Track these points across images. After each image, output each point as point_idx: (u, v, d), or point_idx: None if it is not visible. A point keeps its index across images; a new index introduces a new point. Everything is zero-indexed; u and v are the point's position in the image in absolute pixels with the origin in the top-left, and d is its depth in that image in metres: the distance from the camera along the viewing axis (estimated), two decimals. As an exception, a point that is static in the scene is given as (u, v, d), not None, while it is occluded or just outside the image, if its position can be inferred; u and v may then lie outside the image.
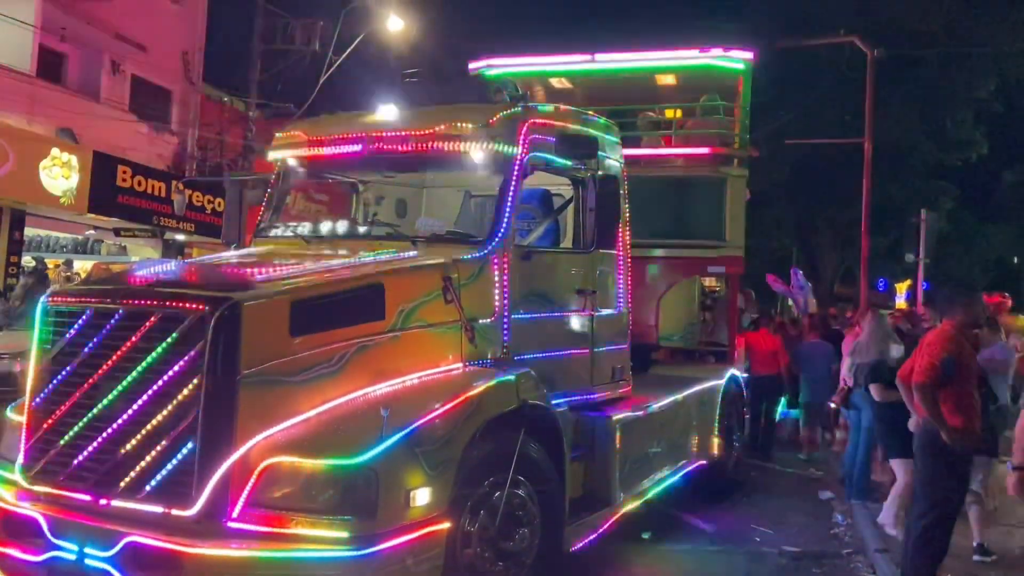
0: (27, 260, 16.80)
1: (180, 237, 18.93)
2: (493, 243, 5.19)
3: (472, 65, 9.08)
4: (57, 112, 15.67)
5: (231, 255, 6.13)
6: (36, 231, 17.74)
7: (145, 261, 13.10)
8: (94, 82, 17.34)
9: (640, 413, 6.38)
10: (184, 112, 19.75)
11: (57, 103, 15.78)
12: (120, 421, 4.01)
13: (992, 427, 6.02)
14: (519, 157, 5.38)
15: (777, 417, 11.87)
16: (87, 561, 3.89)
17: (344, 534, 3.76)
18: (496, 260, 5.18)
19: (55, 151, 15.28)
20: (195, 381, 3.89)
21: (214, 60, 20.23)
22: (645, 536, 6.69)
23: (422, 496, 4.00)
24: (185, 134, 19.72)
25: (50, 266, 17.28)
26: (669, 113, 9.32)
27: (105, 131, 16.52)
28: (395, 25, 18.06)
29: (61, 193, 15.42)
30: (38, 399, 4.27)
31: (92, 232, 18.70)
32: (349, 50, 17.78)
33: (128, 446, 3.97)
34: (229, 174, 18.44)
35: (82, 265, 17.68)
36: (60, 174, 15.34)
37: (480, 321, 5.04)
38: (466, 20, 20.59)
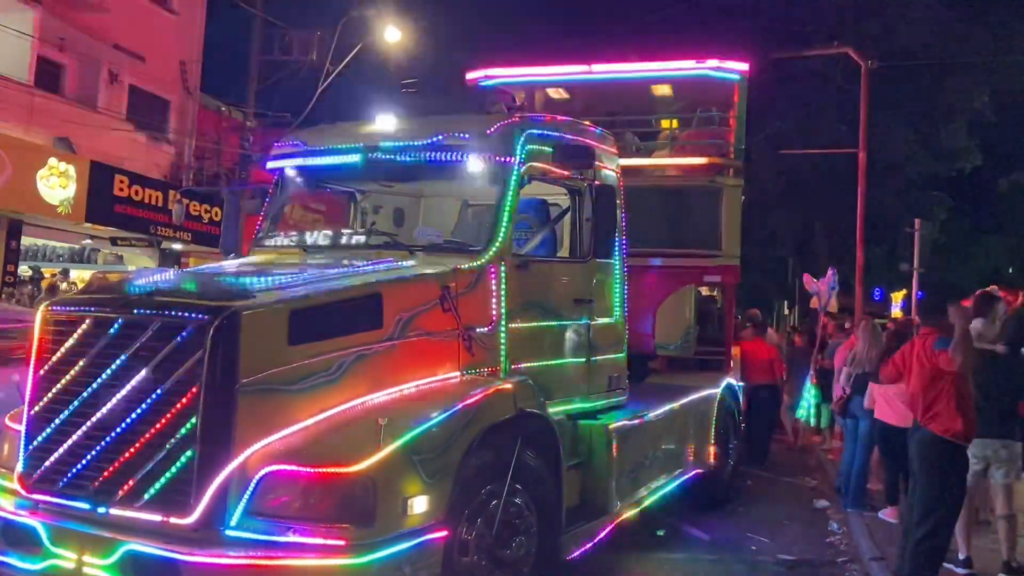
0: (24, 269, 16.81)
1: (177, 246, 18.95)
2: (490, 252, 5.21)
3: (470, 75, 9.13)
4: (55, 122, 15.71)
5: (230, 265, 6.15)
6: (33, 240, 17.75)
7: (144, 270, 13.12)
8: (92, 92, 17.37)
9: (637, 422, 6.40)
10: (181, 122, 19.80)
11: (55, 112, 15.82)
12: (119, 430, 4.02)
13: None
14: (516, 167, 5.41)
15: (806, 413, 11.97)
16: (85, 569, 3.90)
17: (342, 542, 3.77)
18: (493, 269, 5.21)
19: (52, 160, 15.31)
20: (194, 390, 3.90)
21: (212, 70, 20.36)
22: (660, 533, 6.79)
23: (420, 504, 4.02)
24: (182, 144, 19.76)
25: (46, 275, 17.32)
26: (665, 123, 9.40)
27: (102, 141, 16.55)
28: (392, 36, 18.15)
29: (58, 202, 15.45)
30: (37, 407, 4.28)
31: (89, 241, 18.72)
32: (346, 60, 17.85)
33: (127, 454, 3.99)
34: (227, 184, 18.50)
35: (78, 274, 17.70)
36: (57, 183, 15.37)
37: (477, 330, 5.06)
38: (464, 31, 20.69)
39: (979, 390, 5.59)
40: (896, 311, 29.99)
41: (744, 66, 8.85)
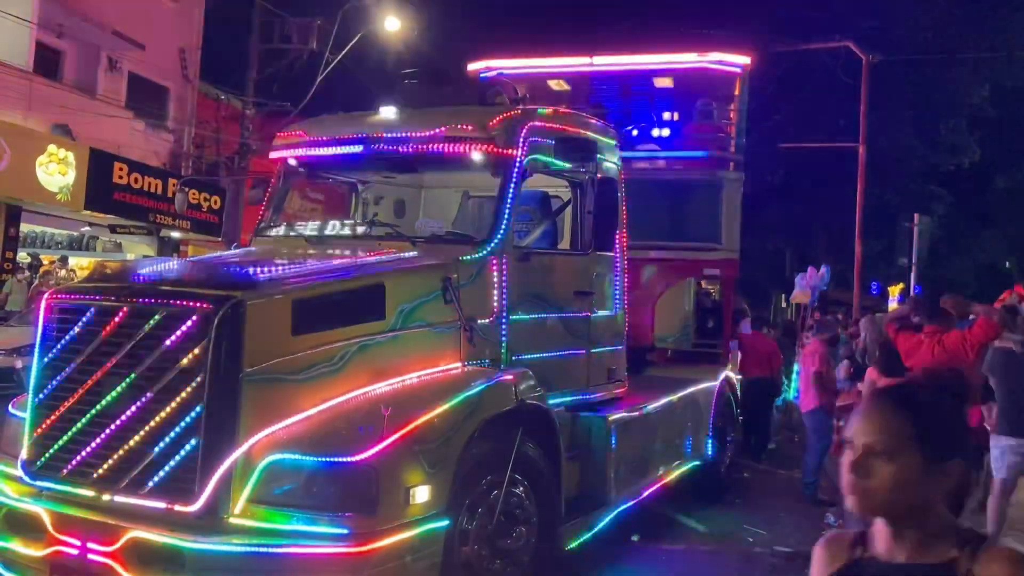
0: (22, 256, 16.79)
1: (176, 235, 18.92)
2: (492, 244, 5.24)
3: (471, 66, 9.12)
4: (54, 108, 15.66)
5: (232, 254, 6.17)
6: (32, 227, 17.72)
7: (147, 259, 13.13)
8: (91, 79, 17.31)
9: (635, 414, 6.44)
10: (181, 110, 19.73)
11: (54, 99, 15.76)
12: (123, 417, 4.05)
13: None
14: (518, 159, 5.43)
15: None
16: (90, 556, 3.93)
17: (344, 531, 3.81)
18: (495, 261, 5.24)
19: (52, 147, 15.26)
20: (198, 378, 3.93)
21: (211, 58, 20.21)
22: (635, 539, 6.64)
23: (421, 494, 4.05)
24: (181, 132, 19.71)
25: (44, 262, 17.31)
26: (666, 116, 9.37)
27: (101, 128, 16.50)
28: (392, 25, 18.09)
29: (57, 189, 15.41)
30: (41, 395, 4.31)
31: (88, 229, 18.68)
32: (346, 49, 17.79)
33: (131, 442, 4.01)
34: (227, 173, 18.47)
35: (76, 262, 17.68)
36: (57, 170, 15.33)
37: (479, 321, 5.09)
38: (465, 21, 20.62)
39: (1012, 391, 5.67)
40: (893, 305, 30.00)
41: (746, 59, 8.84)
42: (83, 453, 4.13)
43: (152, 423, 3.98)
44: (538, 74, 9.19)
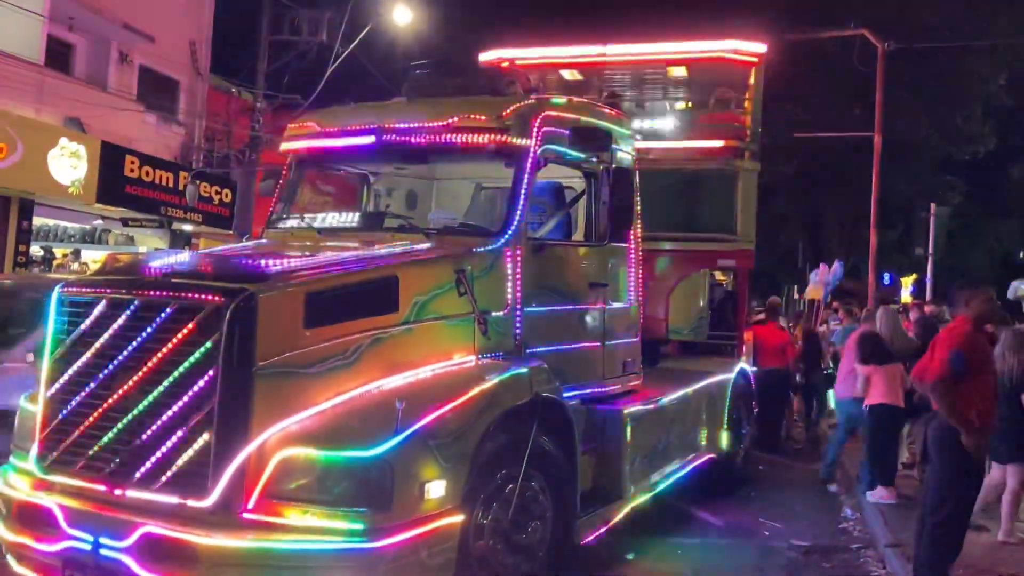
0: (35, 249, 16.83)
1: (187, 227, 18.94)
2: (506, 236, 5.18)
3: (483, 56, 9.04)
4: (65, 102, 15.66)
5: (244, 246, 6.13)
6: (44, 220, 17.74)
7: (158, 252, 13.09)
8: (102, 72, 17.31)
9: (650, 406, 6.38)
10: (191, 102, 19.72)
11: (65, 93, 15.76)
12: (135, 412, 4.01)
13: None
14: (532, 150, 5.36)
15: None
16: (102, 551, 3.90)
17: (359, 526, 3.76)
18: (509, 253, 5.17)
19: (64, 141, 15.27)
20: (210, 372, 3.88)
21: (221, 50, 20.21)
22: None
23: (436, 489, 4.01)
24: (192, 124, 19.70)
25: (57, 255, 17.35)
26: (681, 106, 9.30)
27: (113, 121, 16.50)
28: (402, 16, 18.01)
29: (69, 183, 15.41)
30: (53, 389, 4.28)
31: (100, 222, 18.69)
32: (356, 41, 17.73)
33: (143, 436, 3.97)
34: (238, 165, 18.45)
35: (88, 255, 17.71)
36: (68, 164, 15.33)
37: (493, 314, 5.03)
38: (476, 11, 20.52)
39: None
40: (906, 295, 29.83)
41: (762, 48, 8.73)
42: (95, 447, 4.09)
43: (164, 417, 3.94)
44: (551, 64, 9.11)
